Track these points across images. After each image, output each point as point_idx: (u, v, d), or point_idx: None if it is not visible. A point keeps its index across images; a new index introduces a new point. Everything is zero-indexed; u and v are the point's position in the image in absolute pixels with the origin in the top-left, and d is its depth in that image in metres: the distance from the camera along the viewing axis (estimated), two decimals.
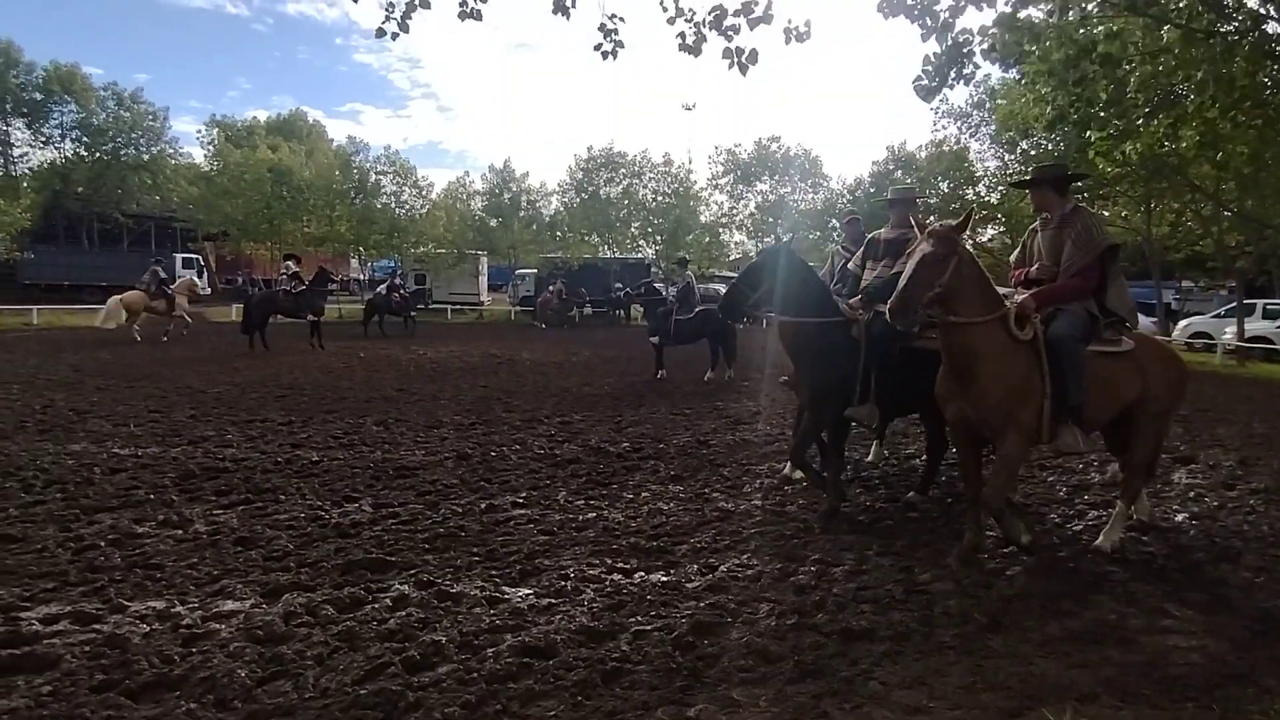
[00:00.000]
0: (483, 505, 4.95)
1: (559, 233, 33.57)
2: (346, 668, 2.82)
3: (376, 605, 3.37)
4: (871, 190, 30.73)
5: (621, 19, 5.71)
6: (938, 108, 28.31)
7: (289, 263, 16.83)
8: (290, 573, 3.75)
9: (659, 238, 32.96)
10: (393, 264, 37.34)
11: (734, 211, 34.30)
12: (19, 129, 38.64)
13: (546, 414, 8.49)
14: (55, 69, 37.38)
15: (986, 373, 3.80)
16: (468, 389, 10.53)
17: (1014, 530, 4.04)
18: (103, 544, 4.09)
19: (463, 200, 35.24)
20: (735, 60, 5.54)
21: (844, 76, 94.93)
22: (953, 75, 6.69)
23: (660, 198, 33.58)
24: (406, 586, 3.59)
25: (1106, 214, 24.71)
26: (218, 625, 3.16)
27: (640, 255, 32.80)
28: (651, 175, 33.88)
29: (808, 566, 3.94)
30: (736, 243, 36.80)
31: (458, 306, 31.73)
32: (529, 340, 20.12)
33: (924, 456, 5.75)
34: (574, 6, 5.62)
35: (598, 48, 5.71)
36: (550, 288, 27.34)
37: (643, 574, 3.82)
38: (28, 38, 62.24)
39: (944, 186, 27.97)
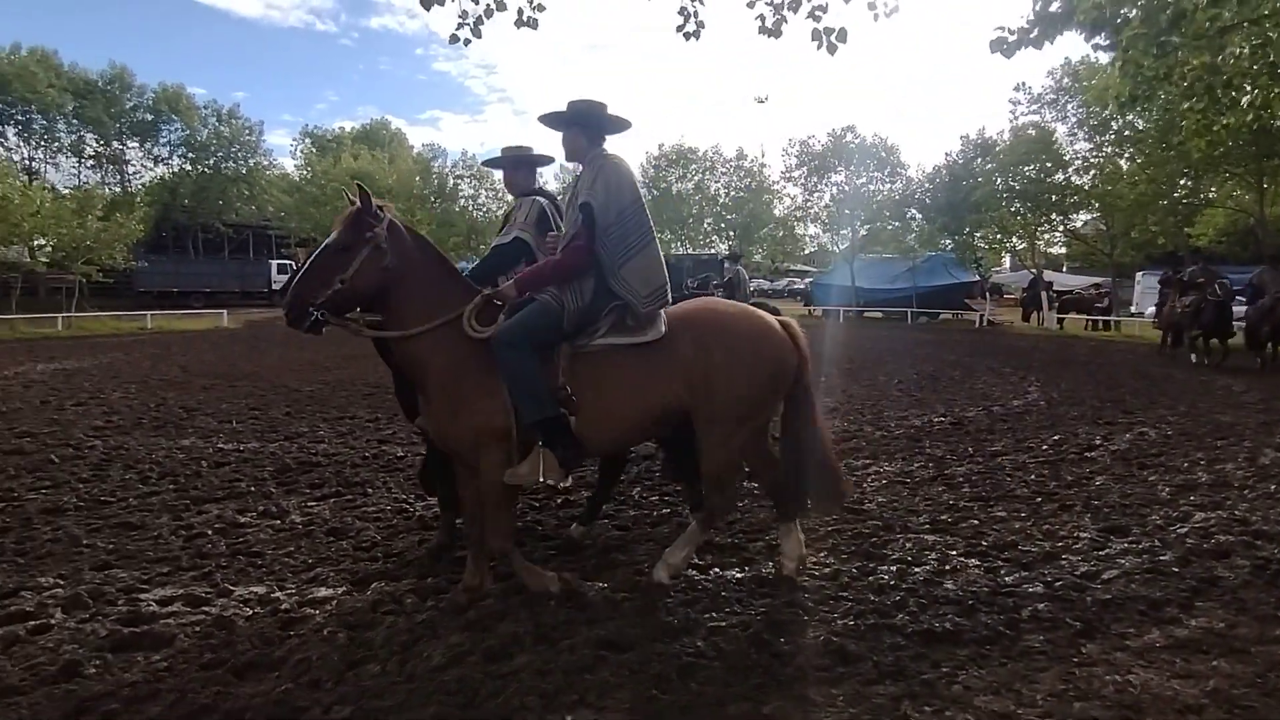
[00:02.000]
0: (558, 500, 5.04)
1: None
2: (430, 654, 2.92)
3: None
4: (947, 179, 29.54)
5: (701, 1, 5.69)
6: (1016, 98, 27.11)
7: None
8: (378, 563, 3.92)
9: (732, 233, 32.74)
10: (466, 265, 38.42)
11: (808, 204, 33.65)
12: (133, 148, 41.87)
13: None
14: (164, 91, 40.16)
15: (435, 387, 3.18)
16: None
17: (534, 580, 3.40)
18: (210, 532, 4.38)
19: None
20: (824, 40, 5.43)
21: (892, 70, 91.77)
22: (1038, 35, 6.36)
23: (733, 192, 33.35)
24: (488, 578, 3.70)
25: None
26: (312, 610, 3.33)
27: (714, 251, 32.62)
28: (724, 170, 33.75)
29: (887, 566, 3.84)
30: (811, 235, 36.14)
31: None
32: None
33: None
34: None
35: (680, 29, 5.71)
36: None
37: (718, 570, 3.81)
38: (138, 63, 67.07)
39: (1029, 172, 26.63)
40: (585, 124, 3.36)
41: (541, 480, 3.15)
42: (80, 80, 39.20)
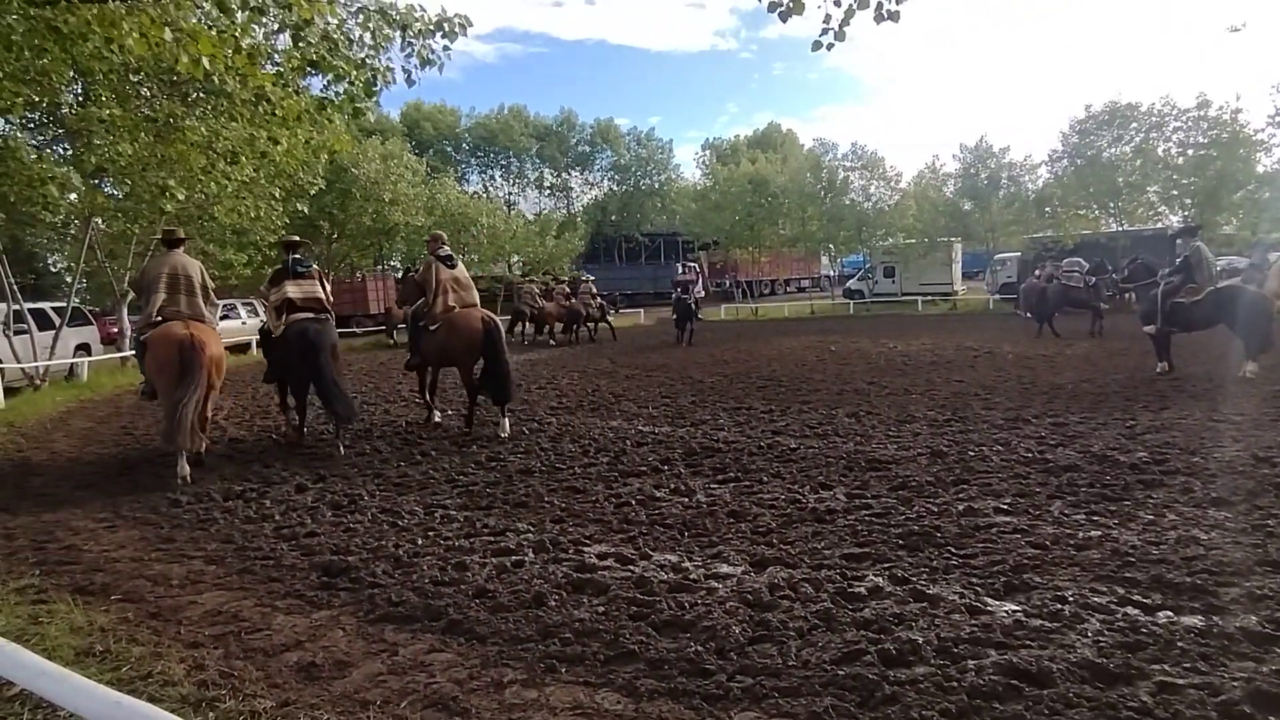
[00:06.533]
0: (960, 507, 4.67)
1: (1048, 208, 29.48)
2: (824, 646, 2.96)
3: (852, 592, 3.46)
4: None
5: None
6: None
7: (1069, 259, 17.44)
8: (773, 548, 4.10)
9: (1188, 200, 26.36)
10: (862, 259, 37.75)
11: None
12: (575, 176, 51.12)
13: (1034, 413, 7.57)
14: (598, 125, 48.06)
15: None
16: (941, 383, 10.04)
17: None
18: (633, 502, 5.07)
19: (934, 187, 33.56)
20: None
21: None
22: None
23: (1191, 151, 26.76)
24: (880, 579, 3.61)
25: None
26: (716, 584, 3.63)
27: (1160, 225, 26.67)
28: (1178, 124, 27.23)
29: None
30: None
31: (928, 297, 30.43)
32: (1010, 331, 18.13)
33: None
34: None
35: None
36: (1037, 272, 24.15)
37: (1170, 614, 3.13)
38: (580, 105, 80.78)
39: None
40: (165, 240, 7.09)
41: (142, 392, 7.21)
42: (540, 126, 49.22)
